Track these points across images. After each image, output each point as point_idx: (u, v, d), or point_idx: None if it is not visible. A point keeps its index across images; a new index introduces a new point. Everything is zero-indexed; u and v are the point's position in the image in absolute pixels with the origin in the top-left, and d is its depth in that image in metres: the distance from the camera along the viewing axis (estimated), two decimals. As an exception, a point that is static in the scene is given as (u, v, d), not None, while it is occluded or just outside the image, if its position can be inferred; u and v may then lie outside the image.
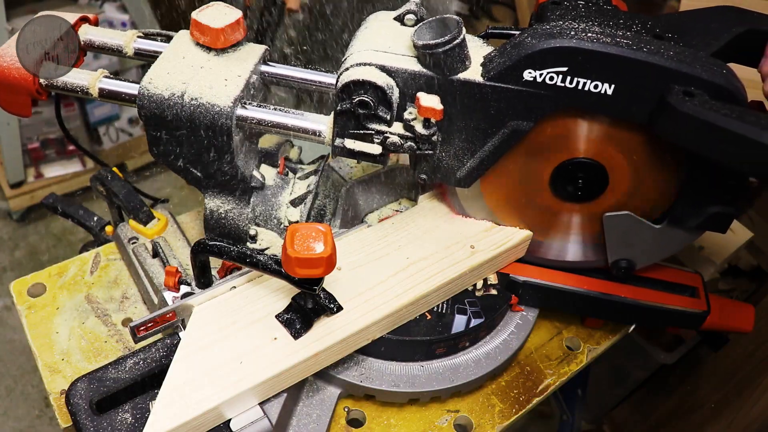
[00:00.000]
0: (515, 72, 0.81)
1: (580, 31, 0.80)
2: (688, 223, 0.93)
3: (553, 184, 0.95)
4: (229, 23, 0.90)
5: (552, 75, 0.80)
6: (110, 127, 2.89)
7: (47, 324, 1.05)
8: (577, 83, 0.80)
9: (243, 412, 0.81)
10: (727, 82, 0.78)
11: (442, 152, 0.91)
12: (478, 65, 0.84)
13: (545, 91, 0.82)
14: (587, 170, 0.92)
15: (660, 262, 1.11)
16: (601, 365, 1.30)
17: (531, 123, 0.86)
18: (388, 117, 0.84)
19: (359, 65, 0.84)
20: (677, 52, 0.79)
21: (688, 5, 1.51)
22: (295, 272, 0.77)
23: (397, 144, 0.86)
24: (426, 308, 0.96)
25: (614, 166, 0.91)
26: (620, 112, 0.83)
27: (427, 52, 0.81)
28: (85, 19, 0.97)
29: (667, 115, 0.78)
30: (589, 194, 0.95)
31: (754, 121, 0.72)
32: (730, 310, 1.08)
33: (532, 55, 0.79)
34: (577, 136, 0.89)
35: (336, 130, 0.87)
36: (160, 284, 0.99)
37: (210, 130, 0.88)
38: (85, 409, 0.79)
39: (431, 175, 0.94)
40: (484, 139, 0.89)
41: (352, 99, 0.83)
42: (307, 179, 1.03)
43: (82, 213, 1.20)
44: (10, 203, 2.72)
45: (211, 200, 0.98)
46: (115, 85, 0.90)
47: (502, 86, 0.83)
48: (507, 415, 0.99)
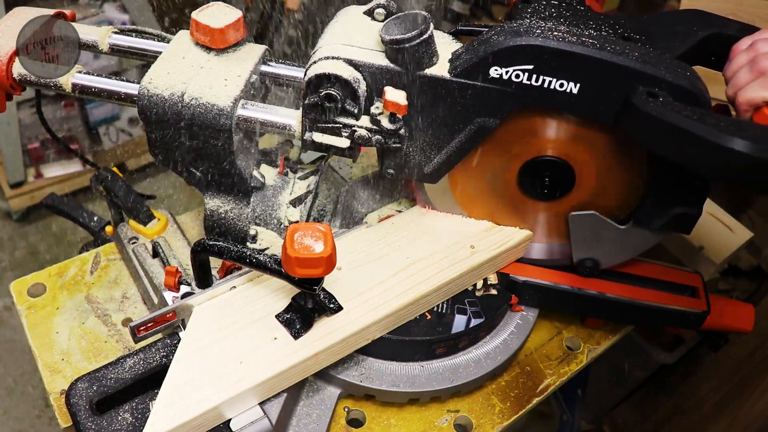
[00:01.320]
0: (481, 69, 0.82)
1: (546, 30, 0.81)
2: (653, 223, 0.93)
3: (520, 182, 0.96)
4: (229, 23, 0.90)
5: (518, 72, 0.81)
6: (110, 127, 2.89)
7: (47, 324, 1.05)
8: (543, 81, 0.81)
9: (243, 412, 0.81)
10: (691, 85, 0.79)
11: (410, 147, 0.91)
12: (446, 61, 0.84)
13: (511, 89, 0.82)
14: (554, 169, 0.93)
15: (660, 262, 1.11)
16: (601, 365, 1.29)
17: (497, 120, 0.86)
18: (356, 111, 0.85)
19: (326, 59, 0.84)
20: (642, 54, 0.80)
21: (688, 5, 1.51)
22: (295, 272, 0.77)
23: (364, 137, 0.86)
24: (426, 308, 0.96)
25: (581, 165, 0.92)
26: (586, 111, 0.83)
27: (394, 47, 0.81)
28: (60, 15, 0.97)
29: (631, 116, 0.79)
30: (555, 192, 0.96)
31: (714, 123, 0.72)
32: (730, 310, 1.08)
33: (498, 52, 0.80)
34: (544, 134, 0.90)
35: (305, 124, 0.87)
36: (160, 284, 0.99)
37: (210, 130, 0.88)
38: (85, 409, 0.79)
39: (399, 170, 0.94)
40: (451, 135, 0.89)
41: (319, 92, 0.83)
42: (307, 179, 1.03)
43: (82, 213, 1.20)
44: (10, 203, 2.72)
45: (211, 200, 0.98)
46: (89, 80, 0.91)
47: (469, 83, 0.83)
48: (507, 415, 0.99)
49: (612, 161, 0.91)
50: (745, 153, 0.70)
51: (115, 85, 0.91)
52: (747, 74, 0.80)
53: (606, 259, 1.01)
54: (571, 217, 0.97)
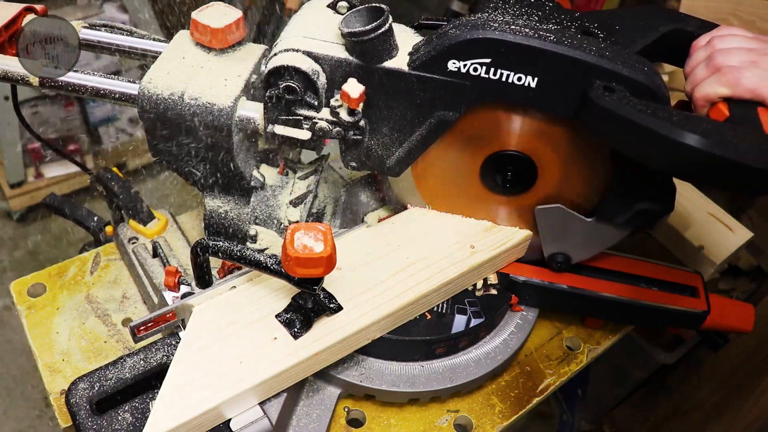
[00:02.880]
0: (440, 62, 0.82)
1: (503, 24, 0.81)
2: (616, 218, 0.93)
3: (483, 176, 0.96)
4: (229, 23, 0.90)
5: (476, 66, 0.81)
6: (110, 127, 2.89)
7: (47, 324, 1.05)
8: (501, 75, 0.81)
9: (243, 411, 0.81)
10: (648, 80, 0.79)
11: (371, 140, 0.91)
12: (405, 54, 0.84)
13: (470, 82, 0.82)
14: (516, 163, 0.93)
15: (660, 262, 1.11)
16: (601, 365, 1.30)
17: (457, 114, 0.86)
18: (316, 103, 0.85)
19: (286, 51, 0.84)
20: (600, 48, 0.80)
21: (687, 5, 1.51)
22: (295, 272, 0.77)
23: (325, 129, 0.87)
24: (426, 308, 0.96)
25: (543, 159, 0.92)
26: (545, 105, 0.83)
27: (352, 39, 0.81)
28: (30, 9, 0.97)
29: (588, 110, 0.79)
30: (519, 187, 0.96)
31: (667, 117, 0.72)
32: (730, 310, 1.08)
33: (455, 45, 0.80)
34: (506, 128, 0.90)
35: (267, 117, 0.87)
36: (160, 284, 0.99)
37: (210, 130, 0.88)
38: (85, 409, 0.79)
39: (361, 162, 0.94)
40: (412, 129, 0.89)
41: (279, 84, 0.83)
42: (307, 179, 1.03)
43: (82, 213, 1.20)
44: (10, 203, 2.72)
45: (211, 200, 0.98)
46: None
47: (427, 76, 0.83)
48: (507, 415, 0.99)
49: (575, 155, 0.91)
50: (696, 147, 0.69)
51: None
52: (703, 70, 0.81)
53: (576, 253, 1.01)
54: (537, 211, 0.96)
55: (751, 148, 0.69)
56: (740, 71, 0.77)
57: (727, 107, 0.78)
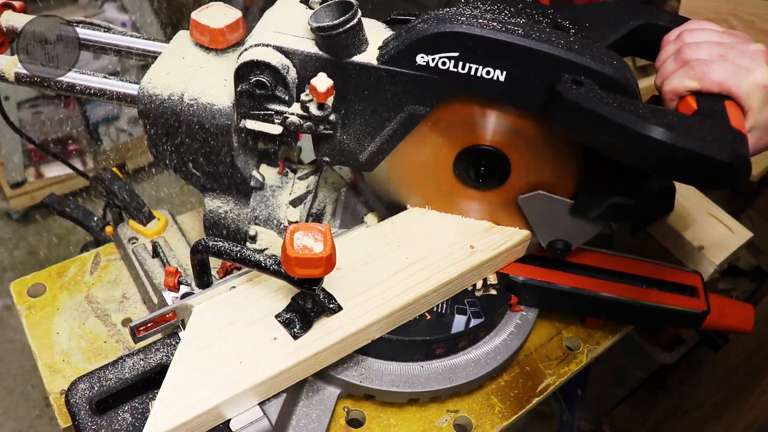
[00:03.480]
0: (408, 56, 0.81)
1: (471, 17, 0.80)
2: (590, 213, 0.93)
3: (456, 171, 0.96)
4: (229, 23, 0.90)
5: (444, 60, 0.81)
6: (110, 127, 2.89)
7: (47, 324, 1.05)
8: (470, 69, 0.81)
9: (243, 412, 0.81)
10: (617, 73, 0.78)
11: (343, 135, 0.91)
12: (375, 49, 0.84)
13: (439, 76, 0.82)
14: (488, 157, 0.93)
15: (660, 262, 1.11)
16: (601, 365, 1.30)
17: (427, 108, 0.86)
18: (287, 98, 0.85)
19: (256, 46, 0.84)
20: (568, 42, 0.79)
21: (688, 5, 1.51)
22: (295, 272, 0.77)
23: (296, 124, 0.87)
24: (426, 308, 0.96)
25: (514, 153, 0.92)
26: (514, 98, 0.83)
27: (321, 34, 0.81)
28: (8, 5, 0.97)
29: (556, 103, 0.78)
30: (493, 181, 0.96)
31: (633, 110, 0.72)
32: (730, 310, 1.08)
33: (423, 39, 0.80)
34: (476, 123, 0.90)
35: (239, 112, 0.88)
36: (160, 284, 0.99)
37: (209, 130, 0.88)
38: (85, 409, 0.79)
39: (333, 157, 0.93)
40: (383, 123, 0.89)
41: (249, 79, 0.84)
42: (307, 179, 1.03)
43: (82, 213, 1.20)
44: (10, 203, 2.72)
45: (211, 200, 0.98)
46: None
47: (396, 70, 0.83)
48: (507, 415, 0.99)
49: (545, 149, 0.90)
50: (660, 140, 0.69)
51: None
52: (672, 64, 0.81)
53: (573, 237, 1.00)
54: (520, 201, 0.96)
55: (717, 141, 0.69)
56: (708, 65, 0.77)
57: (695, 100, 0.78)
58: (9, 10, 0.97)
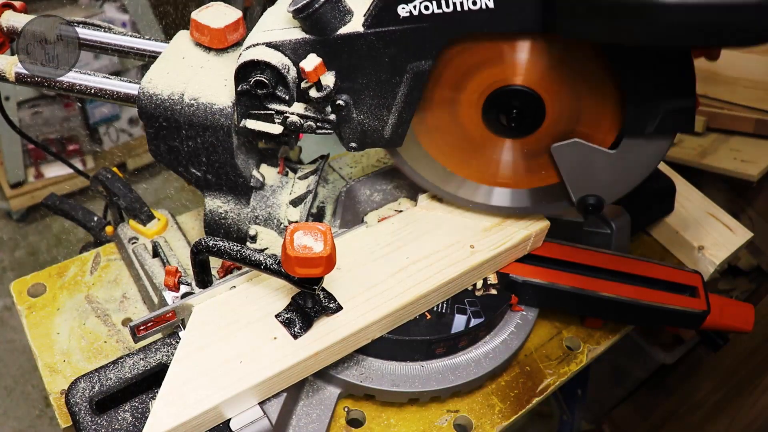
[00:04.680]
0: (390, 11, 0.79)
1: None
2: (646, 128, 0.84)
3: (486, 120, 0.91)
4: (229, 23, 0.90)
5: (426, 4, 0.78)
6: (110, 127, 2.89)
7: (47, 324, 1.05)
8: (454, 5, 0.77)
9: (243, 411, 0.81)
10: None
11: (360, 115, 0.89)
12: (360, 16, 0.82)
13: (427, 23, 0.79)
14: (520, 98, 0.88)
15: (660, 262, 1.11)
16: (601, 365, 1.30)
17: (430, 60, 0.83)
18: (287, 97, 0.85)
19: (250, 47, 0.84)
20: None
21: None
22: (295, 272, 0.77)
23: (297, 124, 0.87)
24: (426, 308, 0.96)
25: (545, 89, 0.87)
26: (510, 23, 0.78)
27: (300, 15, 0.80)
28: (8, 5, 0.97)
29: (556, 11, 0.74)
30: (527, 125, 0.90)
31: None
32: (730, 310, 1.08)
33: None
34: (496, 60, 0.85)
35: (239, 111, 0.88)
36: (160, 284, 0.99)
37: (209, 130, 0.88)
38: (85, 409, 0.79)
39: (359, 141, 0.92)
40: (393, 90, 0.86)
41: (249, 79, 0.83)
42: (307, 179, 1.03)
43: (82, 213, 1.20)
44: (10, 203, 2.72)
45: (211, 200, 0.98)
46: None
47: (384, 30, 0.80)
48: (507, 415, 0.99)
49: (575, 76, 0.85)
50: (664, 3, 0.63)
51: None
52: None
53: (607, 192, 0.92)
54: (554, 150, 0.90)
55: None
56: None
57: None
58: (9, 10, 0.97)
